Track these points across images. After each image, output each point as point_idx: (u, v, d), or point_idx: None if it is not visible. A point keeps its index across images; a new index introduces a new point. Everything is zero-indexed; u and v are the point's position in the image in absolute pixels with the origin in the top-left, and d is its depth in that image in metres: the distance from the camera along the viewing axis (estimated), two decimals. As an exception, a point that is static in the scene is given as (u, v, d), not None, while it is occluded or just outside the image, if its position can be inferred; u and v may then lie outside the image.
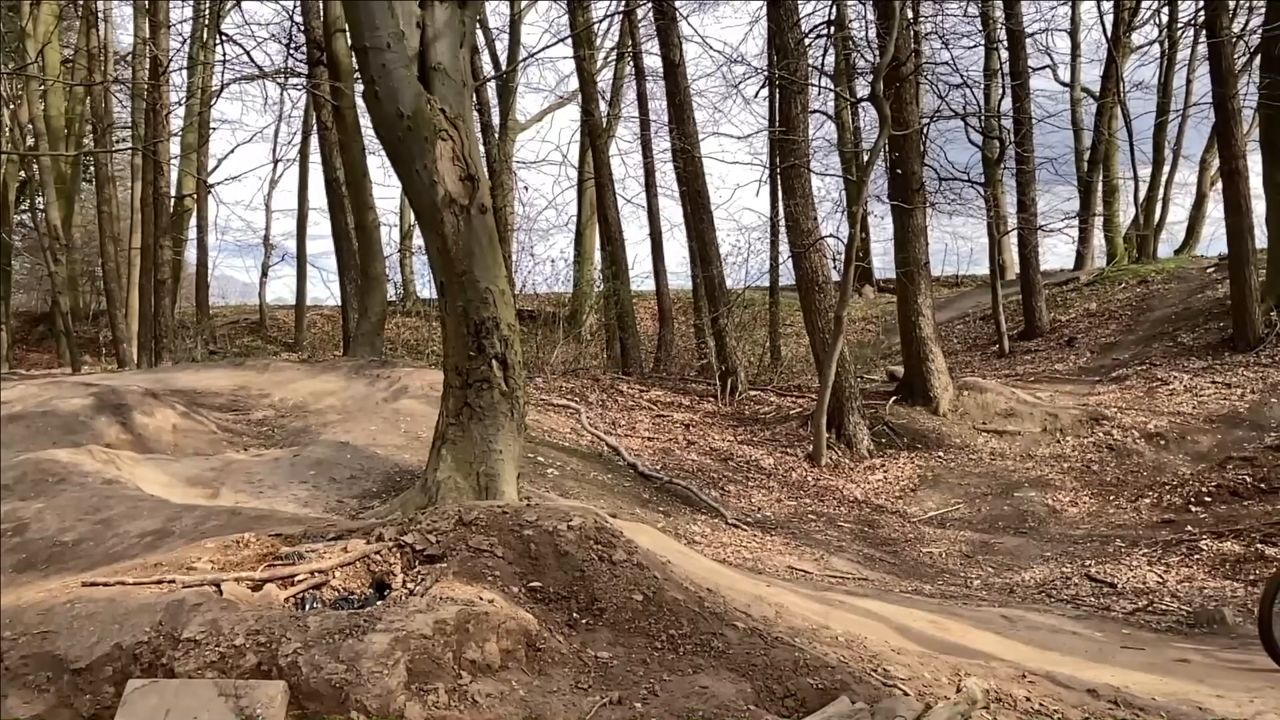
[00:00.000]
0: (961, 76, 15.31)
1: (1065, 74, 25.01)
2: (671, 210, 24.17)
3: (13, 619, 3.82)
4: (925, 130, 14.79)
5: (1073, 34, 24.90)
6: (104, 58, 23.58)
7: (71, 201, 24.85)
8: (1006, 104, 19.98)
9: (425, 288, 28.00)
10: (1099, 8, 23.36)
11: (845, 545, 10.05)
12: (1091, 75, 25.82)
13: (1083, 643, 6.40)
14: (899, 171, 13.82)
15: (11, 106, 21.96)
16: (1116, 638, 6.77)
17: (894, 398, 14.32)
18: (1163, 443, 12.10)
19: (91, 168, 25.74)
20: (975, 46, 20.29)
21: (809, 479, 12.22)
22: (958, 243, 59.49)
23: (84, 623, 3.77)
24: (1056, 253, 45.59)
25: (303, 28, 17.59)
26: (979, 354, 19.30)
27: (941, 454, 12.85)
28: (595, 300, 22.45)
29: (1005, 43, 19.19)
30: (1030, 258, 19.14)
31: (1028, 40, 19.28)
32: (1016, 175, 18.94)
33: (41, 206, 23.37)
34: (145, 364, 19.90)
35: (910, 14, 14.52)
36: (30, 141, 22.31)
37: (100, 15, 23.37)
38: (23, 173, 25.59)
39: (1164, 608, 7.85)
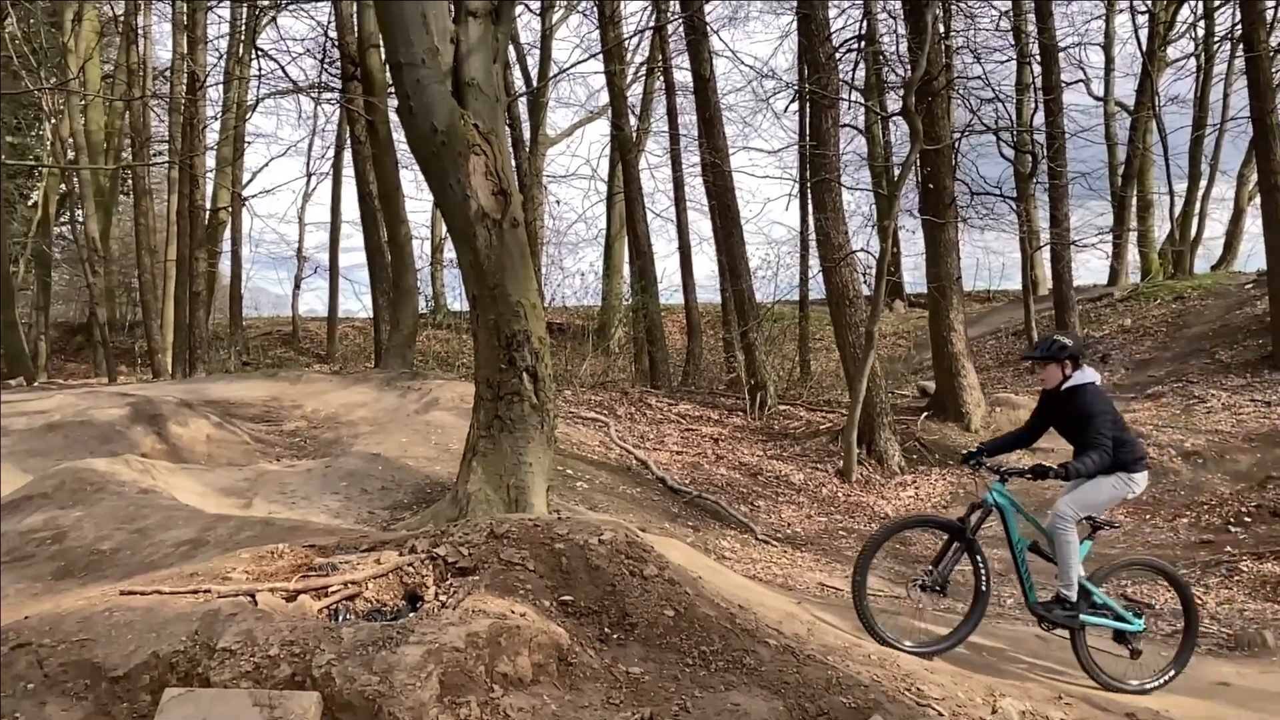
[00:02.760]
0: (994, 91, 15.22)
1: (1099, 88, 24.84)
2: (701, 224, 24.29)
3: (52, 626, 3.86)
4: (957, 145, 14.73)
5: (1107, 48, 24.73)
6: (143, 73, 23.98)
7: (109, 214, 25.22)
8: (1039, 118, 19.84)
9: (456, 300, 28.17)
10: (1134, 21, 23.12)
11: (877, 562, 9.94)
12: (1126, 89, 25.68)
13: (1120, 664, 6.30)
14: (930, 186, 13.77)
15: (53, 121, 22.39)
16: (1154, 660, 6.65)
17: (925, 413, 14.22)
18: (1200, 461, 11.91)
19: (129, 181, 26.15)
20: (1007, 61, 20.16)
21: (839, 495, 12.14)
22: (990, 258, 59.07)
23: (122, 631, 3.81)
24: (1089, 268, 45.23)
25: (337, 43, 17.81)
26: (1011, 370, 19.11)
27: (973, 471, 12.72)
28: (624, 313, 22.50)
29: (1038, 57, 19.07)
30: (1063, 273, 18.97)
31: (1061, 54, 19.15)
32: (1049, 190, 18.78)
33: (80, 219, 23.79)
34: (180, 374, 20.15)
35: (942, 28, 14.48)
36: (70, 155, 22.72)
37: (140, 31, 23.78)
38: (63, 186, 26.06)
39: (1203, 630, 7.71)
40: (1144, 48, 22.27)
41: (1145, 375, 15.85)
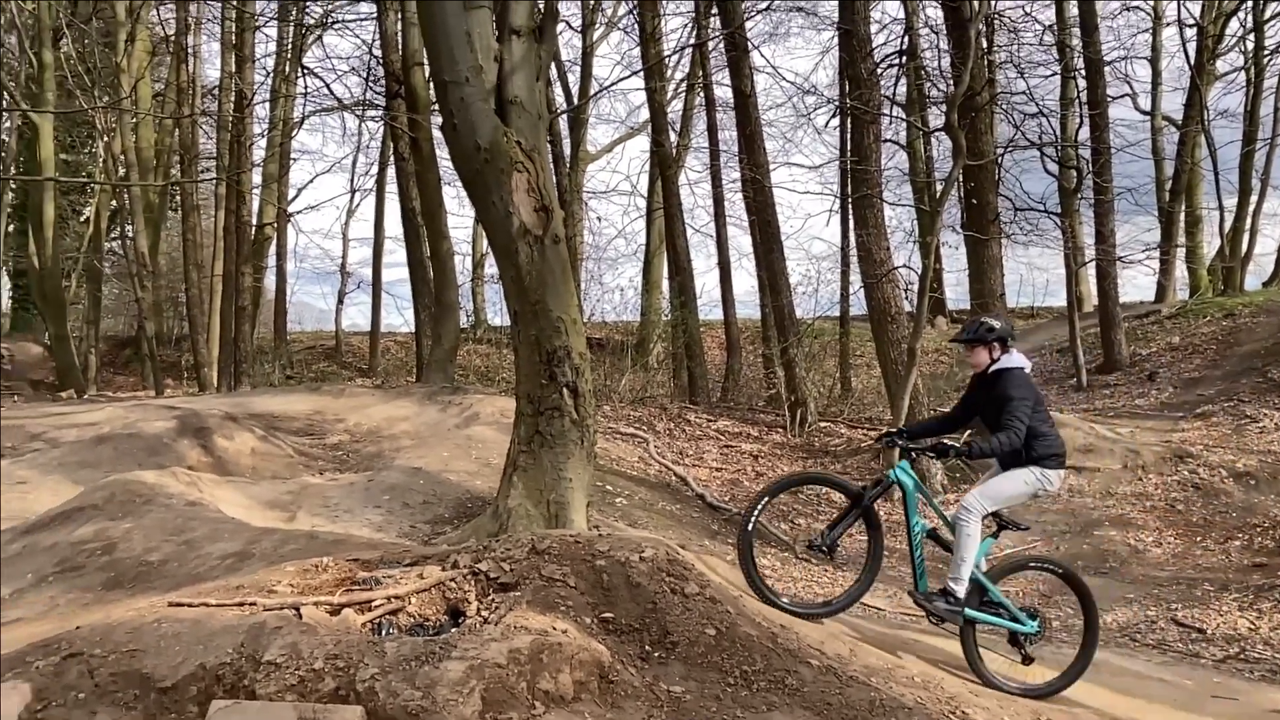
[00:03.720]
0: (1037, 105, 15.10)
1: (1146, 102, 24.46)
2: (740, 240, 24.31)
3: (103, 637, 3.92)
4: (1000, 160, 14.61)
5: (1153, 62, 24.39)
6: (192, 91, 24.50)
7: (158, 230, 25.71)
8: (1084, 133, 19.60)
9: (496, 315, 28.39)
10: (1181, 35, 22.80)
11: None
12: (1173, 103, 25.24)
13: (1171, 691, 6.17)
14: (974, 201, 13.66)
15: (106, 139, 22.92)
16: (1206, 686, 6.50)
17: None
18: (1253, 482, 11.64)
19: (178, 197, 26.67)
20: (1051, 75, 19.96)
21: (880, 512, 12.00)
22: (1033, 274, 58.36)
23: (170, 642, 3.86)
24: (1136, 284, 44.50)
25: (381, 61, 18.06)
26: (1055, 387, 18.83)
27: (1016, 489, 12.54)
28: (663, 329, 22.49)
29: (1083, 71, 18.84)
30: (1109, 289, 18.67)
31: (1106, 69, 18.92)
32: (1094, 205, 18.52)
33: (130, 235, 24.30)
34: (225, 388, 20.45)
35: (985, 44, 14.39)
36: (121, 172, 23.24)
37: (190, 51, 24.31)
38: (114, 202, 26.63)
39: (1257, 656, 7.52)
40: (1192, 61, 21.93)
41: (1194, 394, 15.54)
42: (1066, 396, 17.82)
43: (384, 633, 4.16)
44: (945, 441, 5.40)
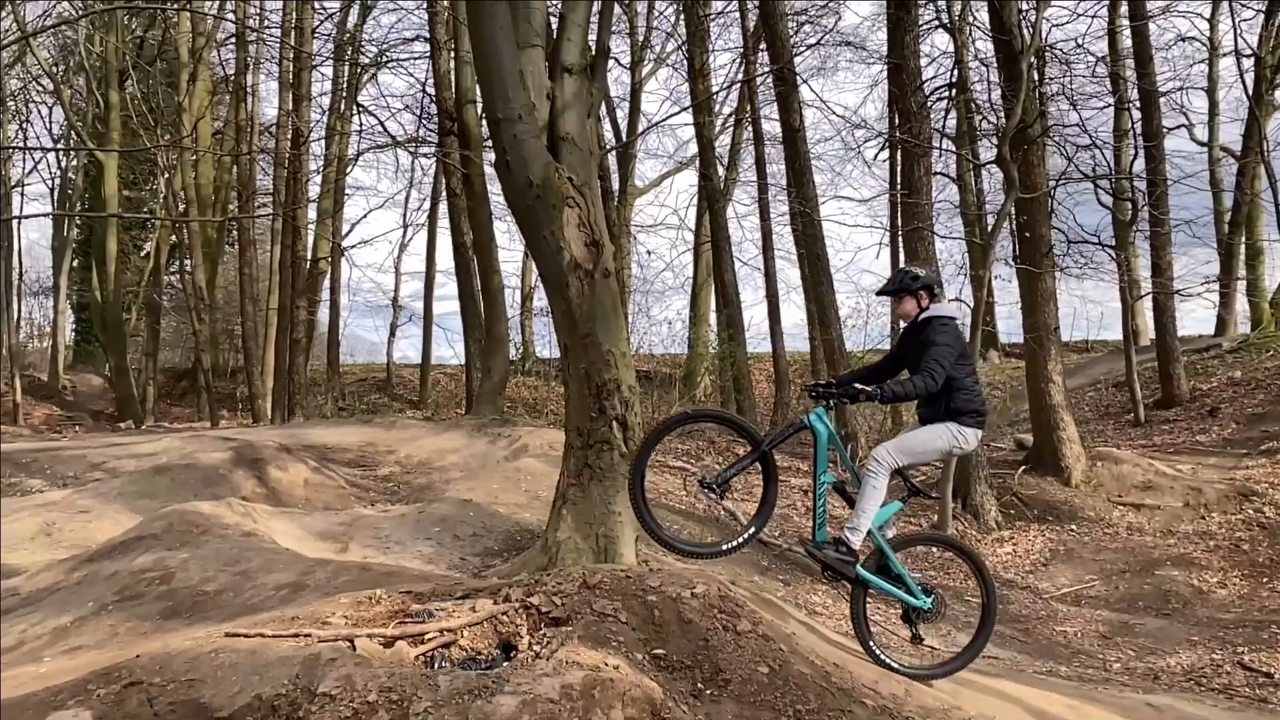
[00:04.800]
0: (1091, 138, 14.84)
1: (1203, 133, 24.07)
2: (788, 273, 24.27)
3: (162, 665, 3.98)
4: (1053, 193, 14.42)
5: (1210, 92, 24.03)
6: (250, 129, 25.17)
7: (216, 264, 26.36)
8: (1139, 164, 19.32)
9: (545, 348, 28.53)
10: (1238, 65, 22.39)
11: (974, 621, 9.62)
12: (1231, 134, 24.74)
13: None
14: (1027, 234, 13.49)
15: (167, 175, 23.58)
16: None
17: (1023, 467, 13.81)
18: (1322, 521, 11.30)
19: (235, 232, 27.34)
20: (1105, 107, 19.74)
21: (934, 550, 11.82)
22: (1087, 307, 57.37)
23: (227, 672, 3.90)
24: (1194, 317, 43.64)
25: (434, 99, 18.41)
26: (1112, 423, 18.45)
27: (1074, 527, 12.29)
28: (711, 361, 22.46)
29: (1137, 102, 18.61)
30: (1167, 323, 18.29)
31: (1161, 100, 18.66)
32: (1150, 238, 18.21)
33: (189, 269, 24.92)
34: (278, 419, 20.77)
35: (1036, 76, 14.27)
36: (181, 208, 23.89)
37: (249, 90, 24.99)
38: (173, 237, 27.33)
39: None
40: (1250, 91, 21.55)
41: (1258, 430, 15.12)
42: (1124, 432, 17.45)
43: (437, 666, 4.17)
44: (856, 385, 5.28)
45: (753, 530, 5.43)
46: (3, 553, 8.04)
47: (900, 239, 16.19)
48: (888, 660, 5.18)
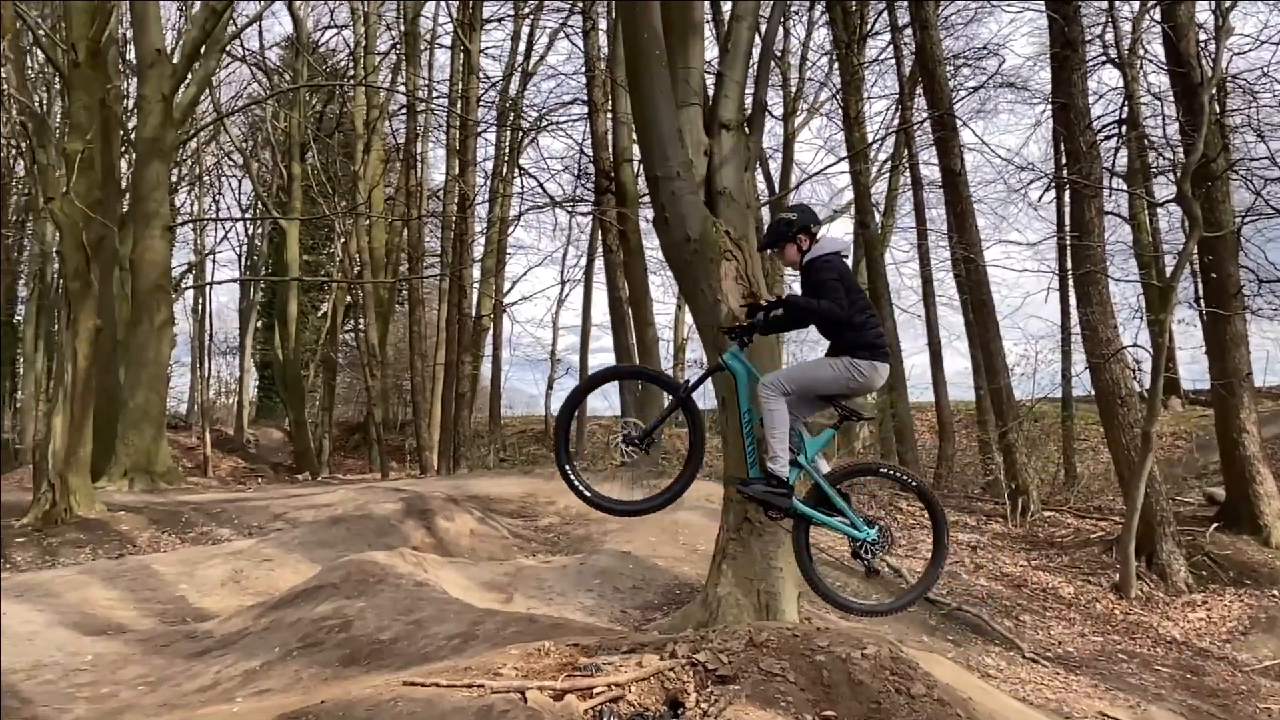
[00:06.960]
0: (1280, 170, 13.91)
1: None
2: (949, 319, 23.55)
3: (345, 712, 4.14)
4: (1240, 229, 13.55)
5: None
6: (419, 194, 26.51)
7: (387, 322, 27.70)
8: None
9: (702, 400, 28.51)
10: None
11: (1165, 693, 8.95)
12: None
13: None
14: (1213, 275, 12.72)
15: (343, 240, 25.10)
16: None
17: (1214, 524, 12.85)
18: None
19: (405, 292, 28.71)
20: (1296, 136, 18.45)
21: (1116, 612, 11.10)
22: (1283, 351, 53.12)
23: (405, 720, 4.03)
24: None
25: (592, 159, 18.96)
26: (1315, 475, 16.97)
27: (1277, 592, 11.31)
28: (870, 411, 21.97)
29: (1331, 131, 17.34)
30: (1377, 366, 16.79)
31: (1360, 126, 17.30)
32: (1354, 274, 16.81)
33: (362, 327, 26.32)
34: (444, 470, 21.51)
35: (1218, 108, 13.50)
36: (356, 270, 25.35)
37: (418, 157, 26.39)
38: (348, 298, 28.95)
39: None
40: None
41: None
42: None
43: (604, 721, 4.18)
44: (757, 303, 5.19)
45: (682, 483, 5.20)
46: (184, 599, 8.59)
47: (1070, 282, 15.51)
48: (842, 599, 5.16)
